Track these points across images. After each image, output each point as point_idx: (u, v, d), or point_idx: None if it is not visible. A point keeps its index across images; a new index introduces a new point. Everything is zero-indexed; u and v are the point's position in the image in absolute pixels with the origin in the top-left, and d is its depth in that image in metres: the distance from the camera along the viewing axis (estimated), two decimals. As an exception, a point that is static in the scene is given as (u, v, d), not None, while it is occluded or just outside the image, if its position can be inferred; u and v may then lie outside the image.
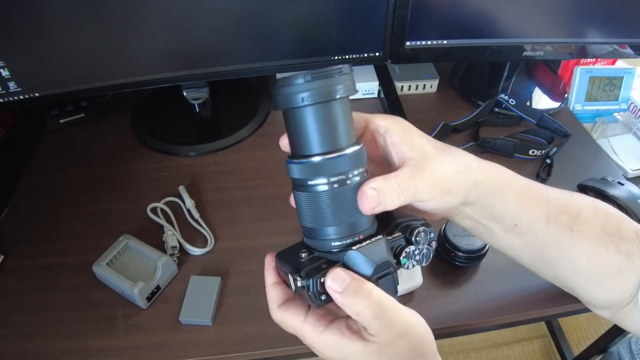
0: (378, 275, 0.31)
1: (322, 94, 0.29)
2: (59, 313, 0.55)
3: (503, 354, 1.28)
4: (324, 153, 0.30)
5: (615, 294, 0.40)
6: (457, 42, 0.73)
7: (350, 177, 0.30)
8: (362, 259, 0.31)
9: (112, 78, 0.68)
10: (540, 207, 0.39)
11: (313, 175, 0.30)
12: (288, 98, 0.29)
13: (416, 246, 0.34)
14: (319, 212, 0.31)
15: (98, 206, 0.68)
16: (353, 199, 0.31)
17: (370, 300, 0.30)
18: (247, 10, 0.65)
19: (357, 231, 0.31)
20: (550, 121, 0.78)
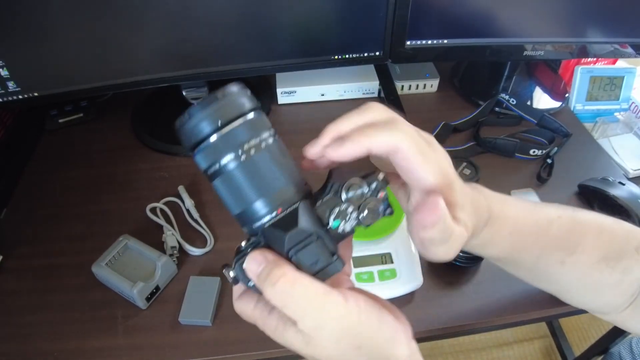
0: (296, 248, 0.27)
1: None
2: (59, 313, 0.55)
3: (503, 354, 1.28)
4: (217, 130, 0.27)
5: (613, 301, 0.40)
6: (458, 42, 0.73)
7: (249, 148, 0.28)
8: (274, 235, 0.27)
9: (111, 78, 0.68)
10: (534, 249, 0.37)
11: (214, 156, 0.28)
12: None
13: (349, 202, 0.28)
14: (235, 193, 0.28)
15: (97, 206, 0.68)
16: (265, 170, 0.28)
17: (278, 286, 0.26)
18: (247, 9, 0.65)
19: (275, 204, 0.28)
20: (550, 121, 0.78)
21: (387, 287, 0.55)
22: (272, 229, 0.28)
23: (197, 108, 0.27)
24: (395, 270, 0.56)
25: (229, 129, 0.27)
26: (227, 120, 0.27)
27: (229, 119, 0.28)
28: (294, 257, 0.27)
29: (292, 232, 0.27)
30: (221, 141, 0.28)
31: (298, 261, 0.27)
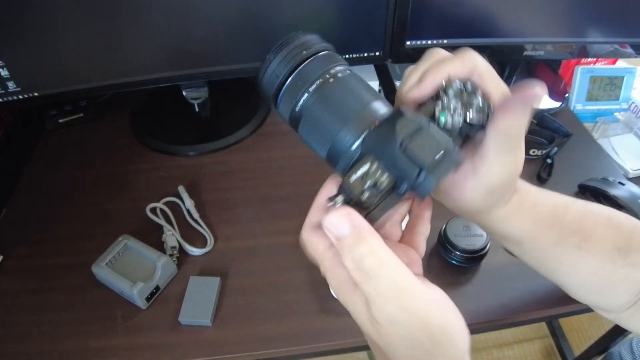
0: (410, 136, 0.24)
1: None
2: (59, 313, 0.55)
3: (503, 354, 1.27)
4: (288, 74, 0.28)
5: (621, 298, 0.40)
6: (458, 42, 0.73)
7: (328, 77, 0.28)
8: (380, 135, 0.25)
9: (111, 78, 0.68)
10: (551, 231, 0.37)
11: (294, 97, 0.28)
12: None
13: (449, 98, 0.27)
14: (324, 125, 0.27)
15: (97, 206, 0.68)
16: (345, 95, 0.27)
17: (364, 264, 0.23)
18: (247, 9, 0.65)
19: (370, 120, 0.26)
20: (551, 121, 0.78)
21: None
22: (376, 132, 0.25)
23: (270, 59, 0.29)
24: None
25: (300, 69, 0.28)
26: (297, 62, 0.28)
27: (299, 61, 0.28)
28: (409, 147, 0.24)
29: (401, 120, 0.24)
30: (295, 82, 0.28)
31: (413, 151, 0.24)
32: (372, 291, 0.24)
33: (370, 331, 0.25)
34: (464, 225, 0.58)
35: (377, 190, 0.24)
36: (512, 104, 0.28)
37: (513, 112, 0.28)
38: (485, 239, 0.57)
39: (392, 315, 0.24)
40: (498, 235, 0.39)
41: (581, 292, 0.42)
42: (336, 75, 0.28)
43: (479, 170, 0.30)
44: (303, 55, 0.28)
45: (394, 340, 0.25)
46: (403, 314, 0.24)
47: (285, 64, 0.28)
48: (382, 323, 0.24)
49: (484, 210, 0.33)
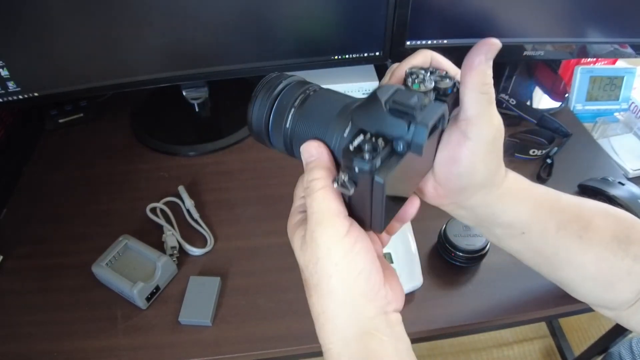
0: (392, 97, 0.26)
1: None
2: (59, 313, 0.55)
3: (503, 354, 1.27)
4: (272, 102, 0.32)
5: (623, 295, 0.40)
6: (458, 42, 0.73)
7: (308, 92, 0.31)
8: (362, 108, 0.27)
9: (111, 78, 0.68)
10: (552, 216, 0.37)
11: (282, 118, 0.31)
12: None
13: (417, 74, 0.29)
14: (316, 128, 0.30)
15: (97, 206, 0.68)
16: (327, 100, 0.31)
17: (310, 185, 0.29)
18: (247, 9, 0.65)
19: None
20: (550, 121, 0.78)
21: (387, 287, 0.55)
22: (359, 107, 0.27)
23: (254, 98, 0.32)
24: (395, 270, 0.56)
25: (281, 94, 0.31)
26: (277, 90, 0.31)
27: (279, 89, 0.32)
28: (392, 105, 0.25)
29: (379, 89, 0.26)
30: (280, 105, 0.31)
31: (397, 107, 0.25)
32: (308, 207, 0.28)
33: (300, 258, 0.30)
34: (464, 225, 0.58)
35: (376, 154, 0.25)
36: (473, 56, 0.30)
37: (477, 64, 0.30)
38: (485, 239, 0.57)
39: (314, 234, 0.28)
40: (502, 227, 0.38)
41: (584, 289, 0.41)
42: (315, 90, 0.32)
43: (469, 132, 0.31)
44: (281, 84, 0.32)
45: (312, 260, 0.28)
46: (319, 236, 0.28)
47: (268, 95, 0.32)
48: (307, 241, 0.29)
49: (487, 181, 0.33)
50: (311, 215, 0.28)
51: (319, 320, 0.29)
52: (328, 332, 0.29)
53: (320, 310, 0.29)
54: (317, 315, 0.30)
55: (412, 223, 0.61)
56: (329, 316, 0.29)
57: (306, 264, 0.29)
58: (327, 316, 0.29)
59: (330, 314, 0.29)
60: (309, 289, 0.30)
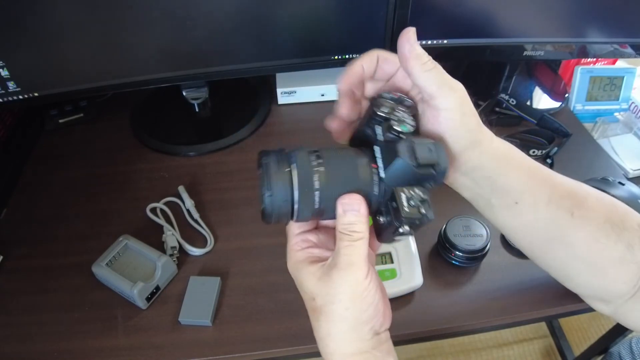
0: (411, 148, 0.31)
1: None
2: (59, 313, 0.55)
3: (503, 354, 1.28)
4: (292, 190, 0.33)
5: (616, 284, 0.40)
6: (458, 42, 0.73)
7: (315, 166, 0.32)
8: (390, 151, 0.32)
9: (111, 78, 0.68)
10: (544, 188, 0.38)
11: (310, 201, 0.32)
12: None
13: (394, 111, 0.33)
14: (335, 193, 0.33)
15: (97, 206, 0.68)
16: (339, 168, 0.33)
17: (354, 240, 0.32)
18: (247, 9, 0.65)
19: (369, 169, 0.33)
20: (550, 121, 0.78)
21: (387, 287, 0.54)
22: (387, 171, 0.32)
23: (267, 194, 0.32)
24: (395, 270, 0.56)
25: (297, 180, 0.32)
26: (289, 176, 0.32)
27: (290, 175, 0.32)
28: (418, 161, 0.31)
29: (397, 146, 0.31)
30: (302, 191, 0.32)
31: (423, 162, 0.30)
32: (343, 249, 0.33)
33: (314, 288, 0.34)
34: (464, 225, 0.58)
35: (425, 203, 0.31)
36: (402, 49, 0.33)
37: (408, 52, 0.33)
38: (486, 239, 0.57)
39: (342, 272, 0.32)
40: (497, 193, 0.39)
41: (575, 271, 0.41)
42: (316, 151, 0.32)
43: (438, 105, 0.34)
44: (289, 167, 0.31)
45: (331, 292, 0.33)
46: (347, 275, 0.32)
47: (282, 183, 0.31)
48: (332, 276, 0.33)
49: (473, 140, 0.36)
50: (344, 256, 0.32)
51: (323, 340, 0.34)
52: (330, 351, 0.33)
53: (326, 333, 0.33)
54: (323, 336, 0.34)
55: (412, 223, 0.61)
56: (334, 338, 0.33)
57: (321, 294, 0.33)
58: (333, 338, 0.33)
59: (337, 336, 0.33)
60: (317, 313, 0.34)
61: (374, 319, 0.33)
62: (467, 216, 0.59)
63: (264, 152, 0.33)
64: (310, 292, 0.34)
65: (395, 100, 0.34)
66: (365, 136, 0.35)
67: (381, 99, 0.34)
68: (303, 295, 0.36)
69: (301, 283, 0.35)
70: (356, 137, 0.37)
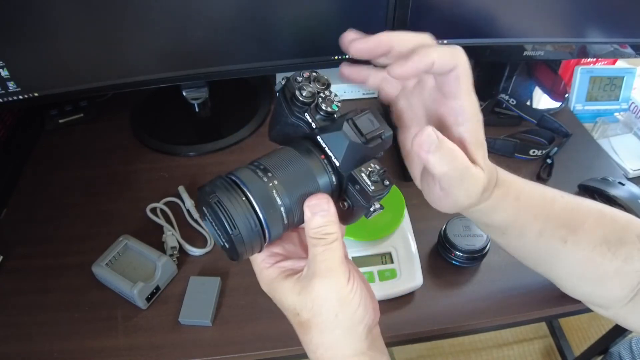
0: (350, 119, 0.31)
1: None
2: (59, 313, 0.55)
3: (503, 354, 1.28)
4: (255, 212, 0.30)
5: (613, 292, 0.40)
6: (458, 42, 0.73)
7: (267, 180, 0.30)
8: (328, 129, 0.31)
9: (111, 78, 0.68)
10: (537, 222, 0.38)
11: (276, 217, 0.30)
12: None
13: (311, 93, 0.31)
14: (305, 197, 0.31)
15: (98, 206, 0.68)
16: (292, 171, 0.31)
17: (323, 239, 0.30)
18: (247, 9, 0.65)
19: (319, 159, 0.32)
20: (550, 121, 0.78)
21: (387, 287, 0.55)
22: (340, 157, 0.30)
23: (232, 233, 0.28)
24: (395, 270, 0.56)
25: (254, 201, 0.29)
26: (245, 202, 0.29)
27: (246, 199, 0.29)
28: (365, 137, 0.30)
29: (342, 125, 0.30)
30: (266, 209, 0.29)
31: (368, 133, 0.30)
32: (319, 255, 0.31)
33: (295, 303, 0.32)
34: (464, 225, 0.58)
35: (384, 174, 0.30)
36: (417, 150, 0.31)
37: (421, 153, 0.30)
38: (486, 239, 0.57)
39: (324, 279, 0.31)
40: (483, 225, 0.40)
41: (572, 284, 0.42)
42: (266, 172, 0.30)
43: (450, 194, 0.33)
44: (243, 194, 0.28)
45: (317, 302, 0.31)
46: (329, 281, 0.31)
47: (245, 215, 0.28)
48: (313, 285, 0.31)
49: (482, 196, 0.34)
50: (322, 262, 0.30)
51: (318, 350, 0.32)
52: (328, 357, 0.32)
53: (320, 343, 0.32)
54: (315, 348, 0.32)
55: (412, 223, 0.61)
56: (331, 346, 0.32)
57: (306, 307, 0.31)
58: (329, 346, 0.32)
59: (332, 344, 0.32)
60: (305, 328, 0.32)
61: (365, 317, 0.32)
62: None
63: (202, 189, 0.29)
64: (292, 309, 0.32)
65: (309, 79, 0.32)
66: (290, 129, 0.33)
67: (294, 82, 0.31)
68: (285, 313, 0.33)
69: (280, 301, 0.33)
70: (277, 135, 0.34)
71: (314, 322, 0.31)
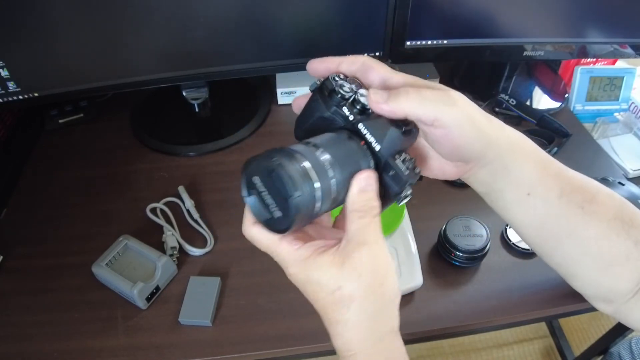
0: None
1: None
2: (59, 313, 0.55)
3: (503, 354, 1.28)
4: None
5: (621, 282, 0.40)
6: (458, 42, 0.73)
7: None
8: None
9: (111, 78, 0.68)
10: (556, 180, 0.39)
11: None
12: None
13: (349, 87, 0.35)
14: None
15: (98, 206, 0.68)
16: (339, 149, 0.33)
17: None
18: (247, 10, 0.65)
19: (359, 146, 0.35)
20: (550, 121, 0.78)
21: (387, 287, 0.55)
22: (384, 147, 0.33)
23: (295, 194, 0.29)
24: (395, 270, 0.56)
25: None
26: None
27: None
28: (401, 125, 0.33)
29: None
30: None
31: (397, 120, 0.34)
32: (364, 228, 0.32)
33: (337, 279, 0.32)
34: (464, 225, 0.58)
35: (413, 161, 0.34)
36: (389, 106, 0.34)
37: (395, 102, 0.33)
38: (485, 239, 0.57)
39: (372, 250, 0.32)
40: (512, 184, 0.39)
41: (583, 269, 0.41)
42: (317, 148, 0.32)
43: (444, 125, 0.34)
44: (302, 162, 0.30)
45: (364, 272, 0.32)
46: (375, 251, 0.32)
47: (305, 180, 0.29)
48: (360, 257, 0.32)
49: (490, 142, 0.36)
50: (369, 233, 0.32)
51: (355, 328, 0.32)
52: (362, 337, 0.32)
53: (359, 319, 0.32)
54: (353, 325, 0.32)
55: (412, 223, 0.61)
56: (368, 318, 0.32)
57: (353, 276, 0.31)
58: (365, 319, 0.32)
59: (373, 315, 0.32)
60: (348, 301, 0.32)
61: (398, 294, 0.33)
62: (467, 216, 0.59)
63: (256, 158, 0.31)
64: (333, 283, 0.32)
65: (346, 80, 0.35)
66: (324, 123, 0.36)
67: (333, 81, 0.35)
68: (319, 294, 0.33)
69: (318, 279, 0.33)
70: (309, 130, 0.37)
71: (358, 294, 0.31)
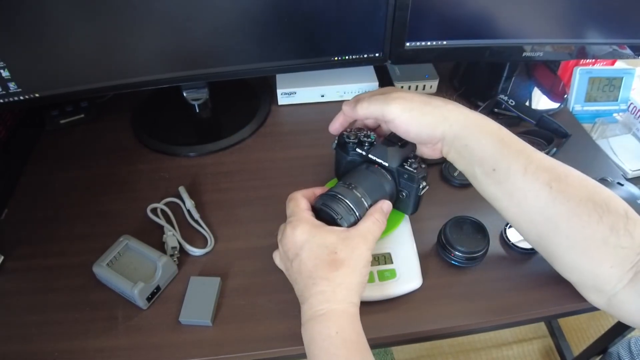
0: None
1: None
2: (59, 313, 0.55)
3: (503, 354, 1.28)
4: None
5: (602, 268, 0.39)
6: (457, 43, 0.73)
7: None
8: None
9: (112, 79, 0.68)
10: (519, 159, 0.41)
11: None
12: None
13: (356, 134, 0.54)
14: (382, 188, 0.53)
15: (98, 206, 0.68)
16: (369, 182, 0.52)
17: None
18: (247, 10, 0.65)
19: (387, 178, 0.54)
20: (549, 122, 0.78)
21: (386, 288, 0.55)
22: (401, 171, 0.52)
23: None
24: (395, 270, 0.56)
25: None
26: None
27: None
28: (391, 140, 0.52)
29: (381, 142, 0.54)
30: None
31: (394, 139, 0.52)
32: (377, 220, 0.49)
33: (337, 244, 0.44)
34: (463, 225, 0.58)
35: (418, 159, 0.52)
36: (345, 115, 0.55)
37: (348, 113, 0.54)
38: (485, 239, 0.57)
39: (372, 232, 0.48)
40: (477, 162, 0.43)
41: (561, 248, 0.41)
42: (350, 186, 0.50)
43: (389, 120, 0.48)
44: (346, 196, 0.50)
45: (360, 245, 0.46)
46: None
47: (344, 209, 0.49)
48: (364, 233, 0.47)
49: (437, 122, 0.46)
50: (370, 233, 0.47)
51: (337, 288, 0.42)
52: (340, 298, 0.42)
53: (341, 282, 0.43)
54: (336, 284, 0.42)
55: (412, 223, 0.61)
56: (348, 287, 0.43)
57: (347, 250, 0.43)
58: (346, 287, 0.43)
59: (351, 286, 0.43)
60: (338, 265, 0.43)
61: (365, 285, 0.46)
62: (467, 216, 0.59)
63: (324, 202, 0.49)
64: (332, 247, 0.43)
65: (351, 131, 0.54)
66: (350, 165, 0.55)
67: (343, 137, 0.54)
68: (317, 252, 0.43)
69: (322, 239, 0.43)
70: (343, 172, 0.55)
71: (347, 263, 0.43)
